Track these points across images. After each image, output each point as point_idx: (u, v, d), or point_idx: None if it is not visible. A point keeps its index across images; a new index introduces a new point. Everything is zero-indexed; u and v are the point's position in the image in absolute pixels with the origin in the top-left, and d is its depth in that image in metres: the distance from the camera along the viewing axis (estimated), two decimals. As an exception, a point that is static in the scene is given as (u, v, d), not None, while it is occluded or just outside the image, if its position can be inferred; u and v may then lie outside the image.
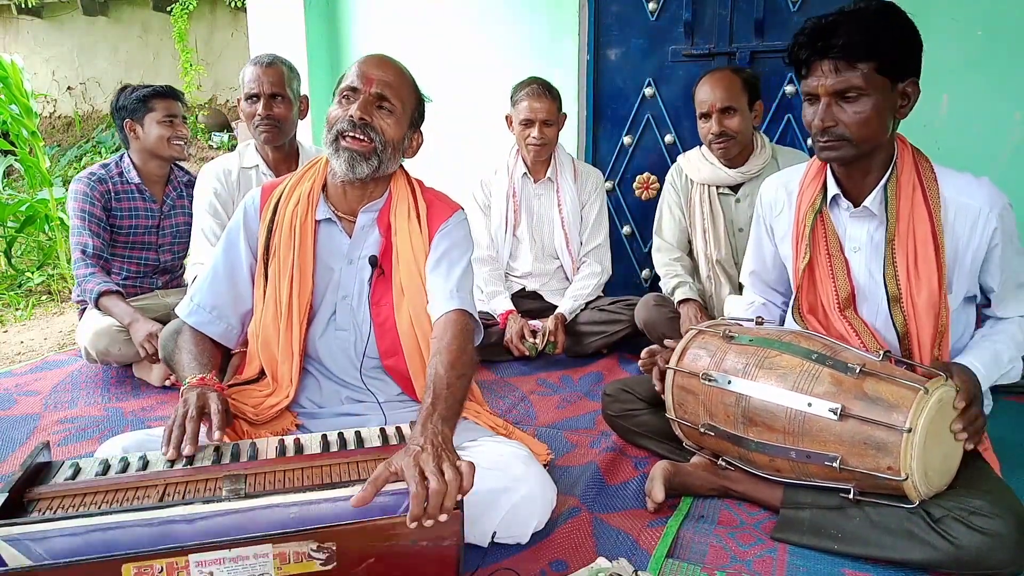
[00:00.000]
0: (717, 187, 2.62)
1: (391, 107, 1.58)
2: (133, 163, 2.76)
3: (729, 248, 2.65)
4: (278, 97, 2.45)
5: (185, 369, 1.52)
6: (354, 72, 1.58)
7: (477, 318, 1.62)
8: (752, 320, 1.78)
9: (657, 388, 1.79)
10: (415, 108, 1.66)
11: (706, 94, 2.48)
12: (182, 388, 1.44)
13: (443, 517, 1.15)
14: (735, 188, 2.61)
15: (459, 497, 1.16)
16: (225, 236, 1.69)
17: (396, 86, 1.60)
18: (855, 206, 1.64)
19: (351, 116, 1.54)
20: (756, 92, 2.52)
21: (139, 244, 2.80)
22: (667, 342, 1.83)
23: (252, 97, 2.44)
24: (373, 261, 1.63)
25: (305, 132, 3.66)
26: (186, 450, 1.28)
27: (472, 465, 1.19)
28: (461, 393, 1.41)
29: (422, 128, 1.71)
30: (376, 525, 1.14)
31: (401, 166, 1.71)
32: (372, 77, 1.56)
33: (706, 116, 2.50)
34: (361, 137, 1.54)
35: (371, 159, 1.56)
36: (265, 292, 1.62)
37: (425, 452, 1.19)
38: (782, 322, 2.00)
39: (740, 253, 2.64)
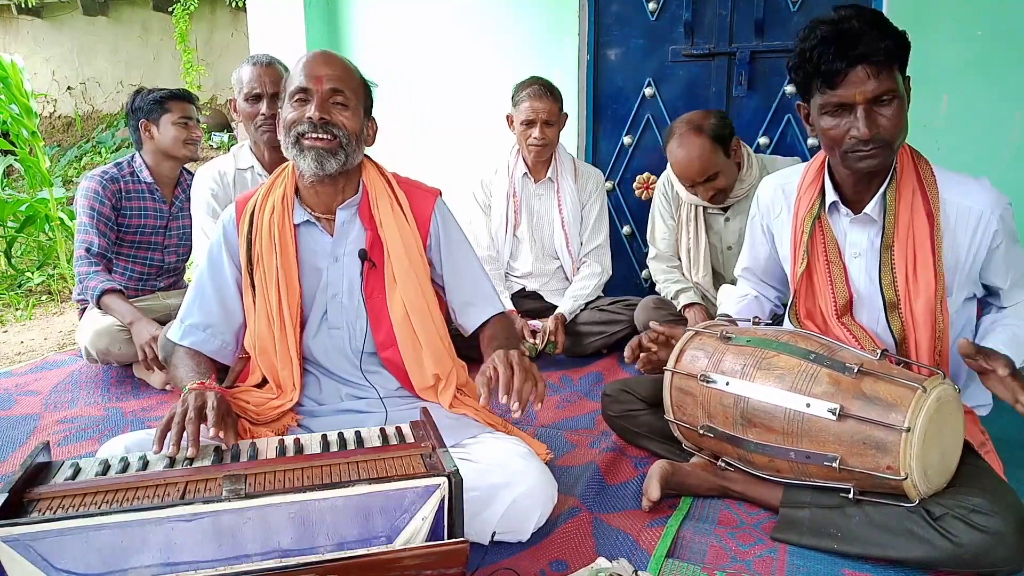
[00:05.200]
0: (705, 207, 2.62)
1: (346, 101, 1.59)
2: (145, 163, 2.77)
3: (709, 271, 2.66)
4: (280, 97, 2.45)
5: (184, 380, 1.52)
6: (301, 73, 1.57)
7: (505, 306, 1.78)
8: (749, 320, 1.78)
9: (627, 357, 1.86)
10: (365, 97, 1.66)
11: (683, 169, 2.43)
12: (183, 395, 1.44)
13: (538, 406, 1.41)
14: (725, 207, 2.59)
15: (532, 403, 1.39)
16: (208, 255, 1.68)
17: (346, 80, 1.60)
18: (855, 212, 1.64)
19: (310, 117, 1.54)
20: (727, 137, 2.42)
21: (146, 244, 2.80)
22: (652, 324, 1.87)
23: (254, 97, 2.44)
24: (363, 255, 1.63)
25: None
26: (189, 452, 1.28)
27: (545, 387, 1.43)
28: None
29: (375, 115, 1.71)
30: (379, 559, 1.13)
31: (368, 158, 1.72)
32: (321, 75, 1.56)
33: (693, 186, 2.48)
34: (324, 135, 1.55)
35: (338, 154, 1.57)
36: (255, 302, 1.63)
37: (522, 356, 1.44)
38: (773, 317, 2.01)
39: (727, 271, 2.66)
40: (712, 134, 2.38)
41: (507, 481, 1.49)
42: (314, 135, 1.54)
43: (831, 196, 1.65)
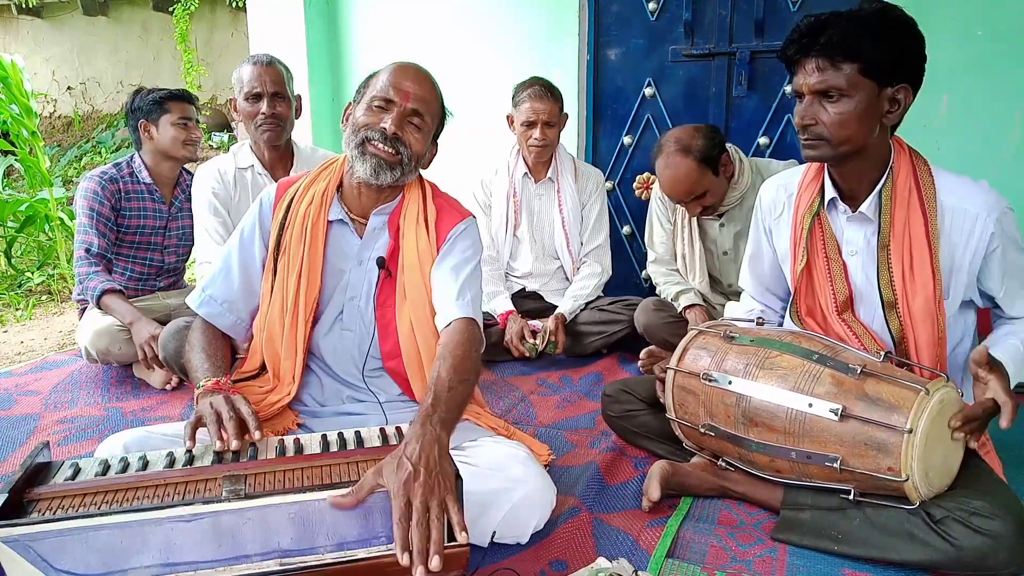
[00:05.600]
0: None
1: (421, 124, 1.60)
2: (145, 164, 2.77)
3: (706, 276, 2.67)
4: (280, 96, 2.46)
5: (198, 371, 1.52)
6: (389, 82, 1.57)
7: (481, 325, 1.60)
8: (752, 321, 1.78)
9: (660, 396, 1.80)
10: (439, 123, 1.68)
11: (669, 188, 2.46)
12: (196, 391, 1.44)
13: (434, 563, 1.06)
14: (719, 214, 2.59)
15: (460, 539, 1.09)
16: (239, 231, 1.70)
17: (430, 103, 1.61)
18: (853, 210, 1.64)
19: (384, 128, 1.55)
20: (716, 157, 2.40)
21: (145, 244, 2.80)
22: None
23: (254, 96, 2.44)
24: (380, 262, 1.63)
25: (303, 132, 3.66)
26: (233, 446, 1.29)
27: (461, 510, 1.13)
28: (462, 398, 1.38)
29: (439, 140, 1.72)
30: (379, 563, 1.13)
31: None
32: (409, 92, 1.57)
33: (680, 203, 2.52)
34: (391, 150, 1.56)
35: (395, 169, 1.58)
36: (273, 287, 1.63)
37: (418, 480, 1.12)
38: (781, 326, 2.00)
39: (724, 277, 2.67)
40: (700, 156, 2.37)
41: (506, 486, 1.49)
42: (380, 144, 1.55)
43: (830, 192, 1.66)
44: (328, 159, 1.75)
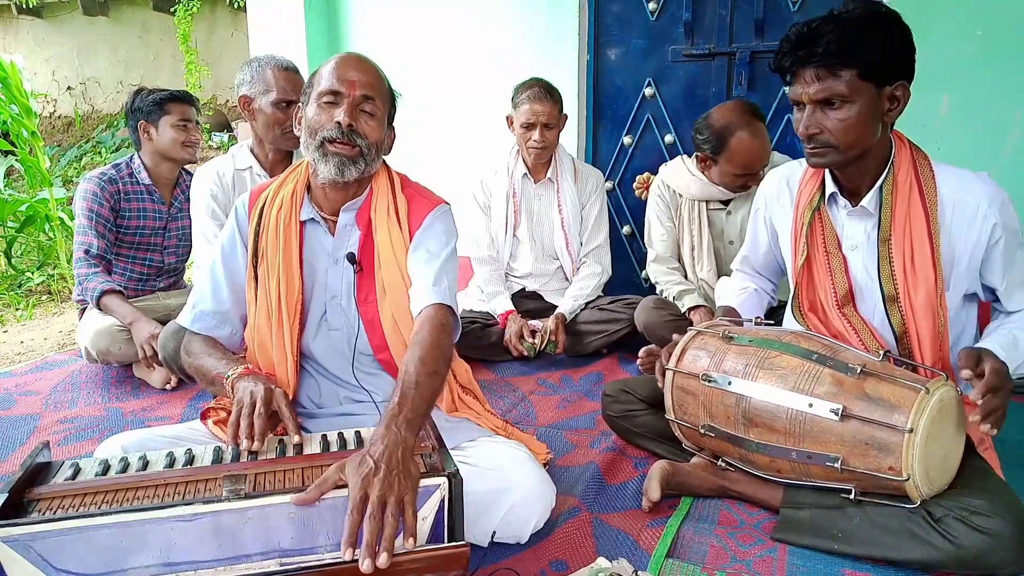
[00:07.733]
0: (707, 201, 2.62)
1: (374, 109, 1.58)
2: (144, 164, 2.76)
3: (714, 266, 2.67)
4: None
5: (218, 366, 1.52)
6: (332, 75, 1.56)
7: (456, 311, 1.57)
8: (751, 320, 1.78)
9: (660, 385, 1.80)
10: (391, 106, 1.66)
11: (759, 157, 2.47)
12: (228, 379, 1.46)
13: (382, 560, 1.05)
14: (725, 201, 2.61)
15: (407, 546, 1.08)
16: (219, 242, 1.68)
17: (377, 87, 1.59)
18: (853, 204, 1.64)
19: (339, 123, 1.52)
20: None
21: (145, 245, 2.80)
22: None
23: (285, 104, 2.39)
24: (351, 258, 1.62)
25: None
26: (255, 446, 1.29)
27: (416, 518, 1.13)
28: (430, 392, 1.34)
29: (395, 124, 1.71)
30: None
31: (383, 162, 1.72)
32: (354, 80, 1.55)
33: (749, 175, 2.52)
34: (349, 143, 1.54)
35: (359, 162, 1.56)
36: (256, 295, 1.63)
37: (378, 475, 1.12)
38: (769, 311, 2.03)
39: (729, 266, 2.67)
40: (766, 121, 2.48)
41: (505, 486, 1.49)
42: (340, 141, 1.53)
43: (830, 187, 1.66)
44: (293, 164, 1.73)
